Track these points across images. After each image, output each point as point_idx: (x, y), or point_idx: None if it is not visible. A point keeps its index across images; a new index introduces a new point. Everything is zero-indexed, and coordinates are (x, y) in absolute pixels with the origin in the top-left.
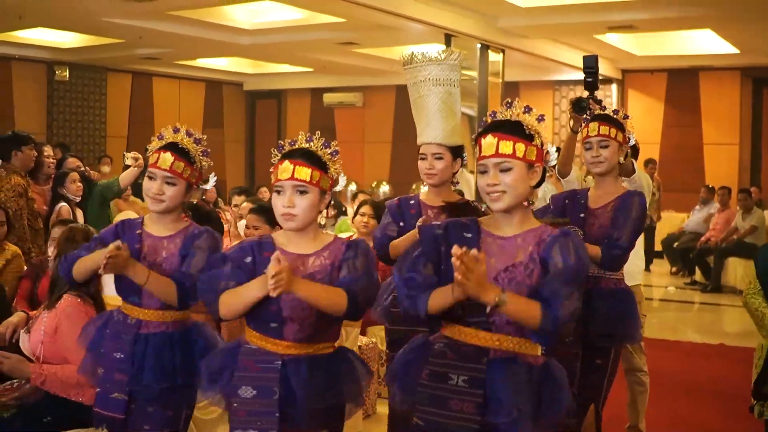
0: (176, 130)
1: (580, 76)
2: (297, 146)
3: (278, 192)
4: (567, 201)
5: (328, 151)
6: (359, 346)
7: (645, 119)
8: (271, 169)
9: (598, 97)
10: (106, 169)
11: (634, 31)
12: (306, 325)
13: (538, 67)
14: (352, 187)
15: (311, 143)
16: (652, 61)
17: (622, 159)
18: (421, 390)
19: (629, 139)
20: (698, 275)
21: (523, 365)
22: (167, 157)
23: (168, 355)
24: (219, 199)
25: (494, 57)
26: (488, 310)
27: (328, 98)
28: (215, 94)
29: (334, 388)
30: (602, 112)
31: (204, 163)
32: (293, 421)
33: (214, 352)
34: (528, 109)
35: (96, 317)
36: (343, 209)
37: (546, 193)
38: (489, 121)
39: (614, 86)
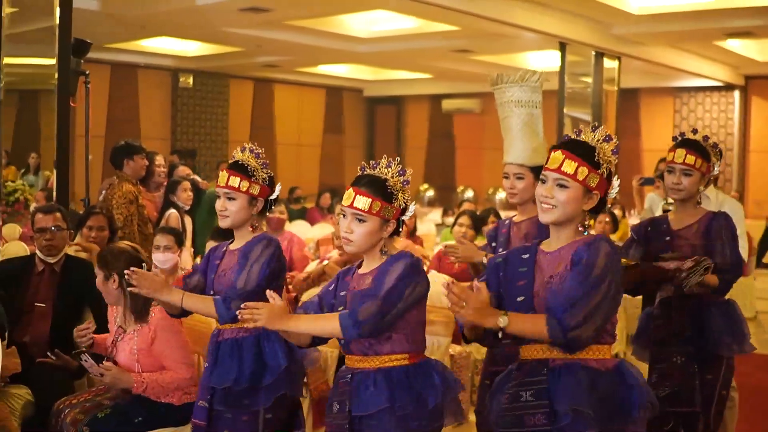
0: (243, 149)
1: (702, 82)
2: (376, 171)
3: (343, 215)
4: (649, 228)
5: (401, 179)
6: (451, 356)
7: None
8: (338, 211)
9: None
10: None
11: (753, 38)
12: (363, 339)
13: (658, 73)
14: (469, 193)
15: (389, 168)
16: None
17: (702, 188)
18: (503, 414)
19: (713, 167)
20: None
21: (587, 370)
22: (223, 175)
23: (234, 358)
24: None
25: (609, 64)
26: (499, 335)
27: (447, 104)
28: (335, 101)
29: (390, 394)
30: (692, 138)
31: (264, 174)
32: None
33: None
34: (609, 138)
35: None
36: None
37: (653, 201)
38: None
39: (737, 93)
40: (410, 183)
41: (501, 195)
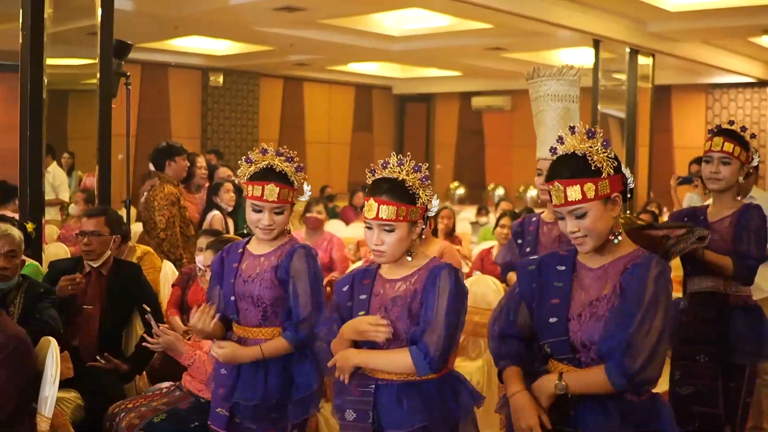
0: (264, 152)
1: (735, 79)
2: (387, 172)
3: (368, 228)
4: (686, 219)
5: (419, 176)
6: None
7: None
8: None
9: None
10: None
11: None
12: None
13: (690, 70)
14: (500, 191)
15: (402, 167)
16: None
17: (741, 179)
18: None
19: (753, 159)
20: None
21: (619, 401)
22: (273, 189)
23: (260, 373)
24: None
25: (644, 61)
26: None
27: (477, 102)
28: (365, 98)
29: (426, 412)
30: (729, 127)
31: (299, 177)
32: None
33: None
34: (592, 134)
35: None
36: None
37: (692, 201)
38: (552, 154)
39: None
40: (439, 180)
41: (532, 193)
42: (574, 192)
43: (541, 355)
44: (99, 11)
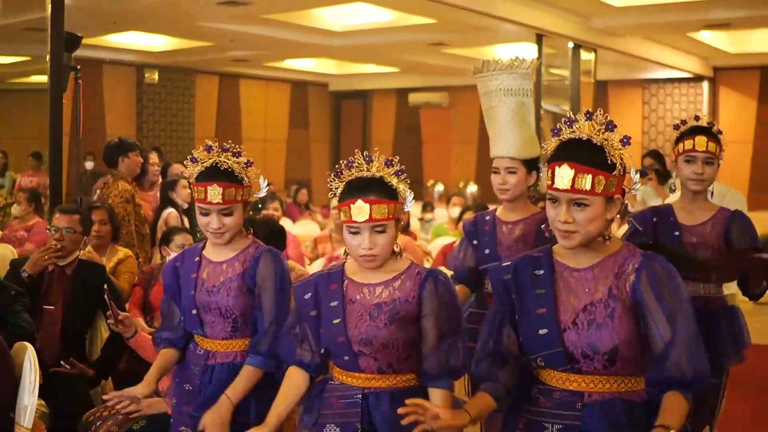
0: (209, 149)
1: (670, 74)
2: (364, 173)
3: (354, 233)
4: (655, 219)
5: (392, 171)
6: None
7: (737, 117)
8: (334, 205)
9: None
10: None
11: (731, 29)
12: (381, 357)
13: (627, 65)
14: (439, 187)
15: (372, 164)
16: (745, 58)
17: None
18: None
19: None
20: None
21: (624, 404)
22: (216, 191)
23: (228, 381)
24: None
25: (586, 56)
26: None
27: (414, 98)
28: (301, 95)
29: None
30: (704, 125)
31: (251, 173)
32: None
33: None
34: (611, 127)
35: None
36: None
37: (646, 194)
38: (563, 135)
39: (705, 84)
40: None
41: (472, 188)
42: (584, 180)
43: (533, 366)
44: (49, 5)
